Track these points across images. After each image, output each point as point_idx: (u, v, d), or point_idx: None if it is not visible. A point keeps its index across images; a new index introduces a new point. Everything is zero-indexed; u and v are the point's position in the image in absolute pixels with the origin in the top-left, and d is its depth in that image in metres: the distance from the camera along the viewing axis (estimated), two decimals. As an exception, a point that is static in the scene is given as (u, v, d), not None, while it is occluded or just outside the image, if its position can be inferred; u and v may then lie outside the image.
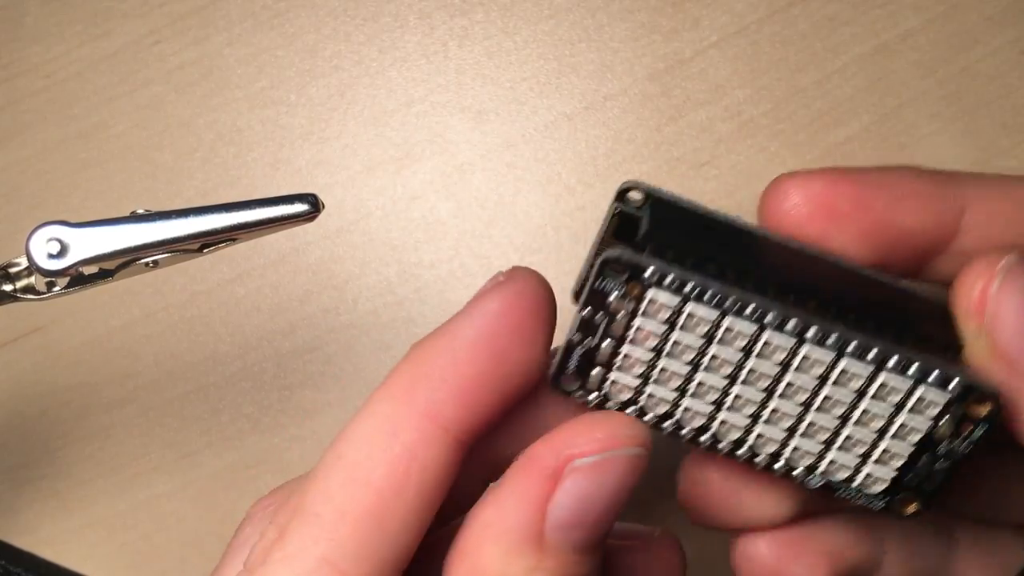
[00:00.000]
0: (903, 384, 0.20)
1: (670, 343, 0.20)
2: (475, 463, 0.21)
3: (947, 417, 0.21)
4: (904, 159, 0.33)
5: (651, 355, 0.20)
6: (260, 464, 0.33)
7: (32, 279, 0.25)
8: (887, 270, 0.23)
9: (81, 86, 0.36)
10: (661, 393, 0.21)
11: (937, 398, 0.20)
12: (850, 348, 0.20)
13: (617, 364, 0.21)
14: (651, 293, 0.20)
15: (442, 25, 0.35)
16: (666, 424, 0.21)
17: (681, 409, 0.21)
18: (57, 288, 0.25)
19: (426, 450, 0.20)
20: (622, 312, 0.20)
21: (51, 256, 0.24)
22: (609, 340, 0.20)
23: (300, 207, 0.24)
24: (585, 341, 0.21)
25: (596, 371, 0.21)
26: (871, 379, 0.20)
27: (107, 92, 0.35)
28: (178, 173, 0.35)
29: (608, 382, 0.21)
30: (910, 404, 0.20)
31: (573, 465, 0.19)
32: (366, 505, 0.19)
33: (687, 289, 0.20)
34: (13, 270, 0.25)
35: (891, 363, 0.20)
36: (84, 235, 0.24)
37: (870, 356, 0.20)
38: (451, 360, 0.20)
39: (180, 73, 0.35)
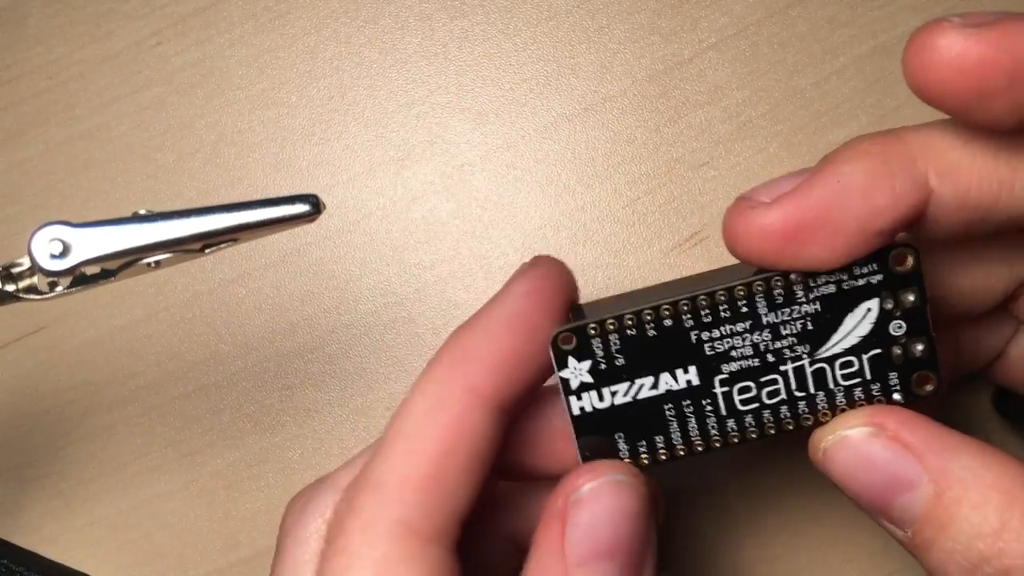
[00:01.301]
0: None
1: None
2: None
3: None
4: (902, 160, 0.33)
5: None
6: (261, 463, 0.34)
7: (34, 279, 0.25)
8: None
9: (83, 87, 0.36)
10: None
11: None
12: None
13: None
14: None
15: (442, 27, 0.35)
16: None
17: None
18: (59, 288, 0.25)
19: (470, 418, 0.22)
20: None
21: (53, 256, 0.24)
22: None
23: (301, 208, 0.24)
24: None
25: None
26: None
27: (109, 93, 0.36)
28: (180, 174, 0.35)
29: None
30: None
31: (571, 501, 0.22)
32: (425, 470, 0.22)
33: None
34: (16, 270, 0.25)
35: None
36: (86, 235, 0.24)
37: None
38: (486, 339, 0.23)
39: (182, 74, 0.36)
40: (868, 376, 0.23)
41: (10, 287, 0.25)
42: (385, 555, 0.21)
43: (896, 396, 0.23)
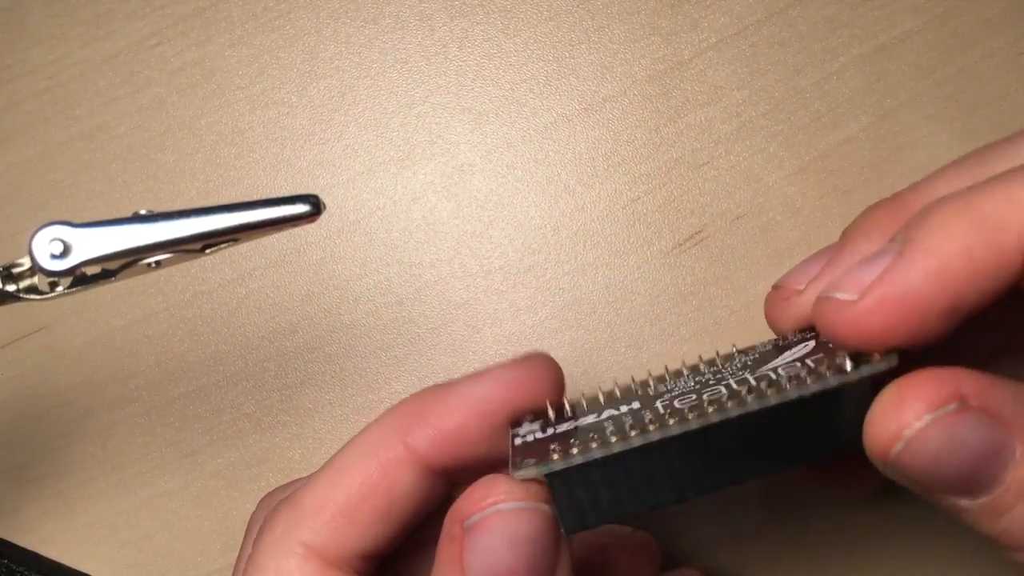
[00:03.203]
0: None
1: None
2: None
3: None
4: (902, 160, 0.33)
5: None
6: (261, 463, 0.34)
7: (35, 279, 0.25)
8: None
9: (83, 87, 0.36)
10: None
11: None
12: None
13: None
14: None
15: (442, 27, 0.35)
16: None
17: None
18: (60, 288, 0.25)
19: (396, 470, 0.24)
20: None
21: (54, 256, 0.24)
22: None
23: (301, 208, 0.24)
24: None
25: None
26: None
27: (109, 93, 0.36)
28: (180, 174, 0.35)
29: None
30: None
31: (466, 525, 0.22)
32: (340, 503, 0.23)
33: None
34: (16, 270, 0.25)
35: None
36: (87, 235, 0.24)
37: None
38: (442, 408, 0.24)
39: (182, 74, 0.36)
40: (812, 365, 0.22)
41: (10, 287, 0.25)
42: (287, 571, 0.23)
43: (848, 366, 0.21)
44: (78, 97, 0.36)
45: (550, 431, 0.23)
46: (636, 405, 0.23)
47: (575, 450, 0.21)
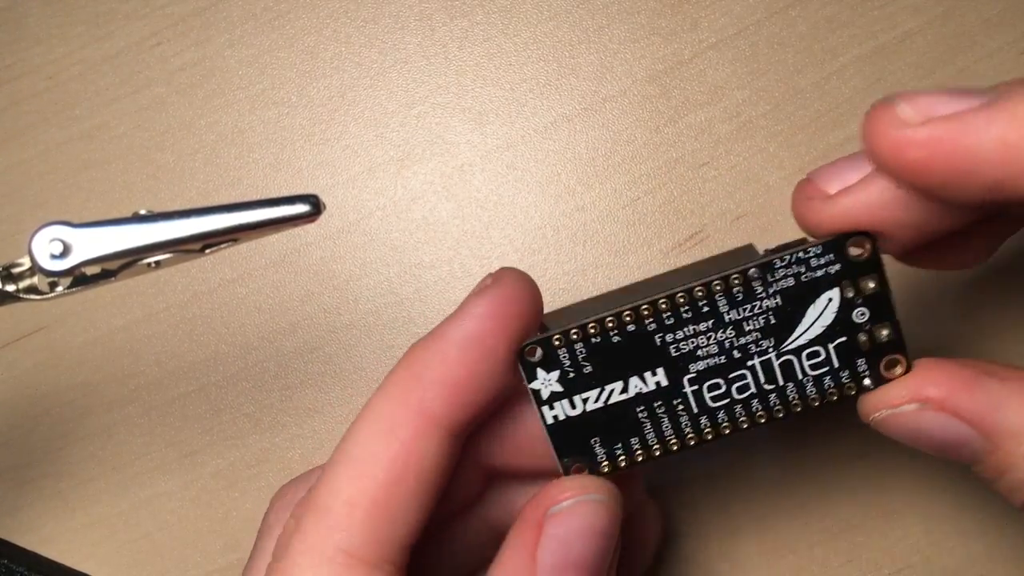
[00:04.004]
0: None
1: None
2: (471, 468, 0.25)
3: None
4: (902, 160, 0.33)
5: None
6: (261, 463, 0.34)
7: (35, 279, 0.25)
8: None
9: (83, 87, 0.36)
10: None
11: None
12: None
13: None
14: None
15: (442, 27, 0.35)
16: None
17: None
18: (60, 288, 0.25)
19: (420, 444, 0.22)
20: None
21: (54, 256, 0.24)
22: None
23: (301, 208, 0.24)
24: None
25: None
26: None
27: (109, 93, 0.36)
28: (180, 174, 0.35)
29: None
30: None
31: (549, 513, 0.22)
32: (371, 496, 0.22)
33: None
34: (16, 270, 0.25)
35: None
36: (87, 235, 0.24)
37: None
38: (441, 361, 0.23)
39: (182, 74, 0.36)
40: (836, 364, 0.23)
41: (10, 287, 0.25)
42: None
43: (866, 382, 0.23)
44: (78, 97, 0.36)
45: (579, 403, 0.24)
46: (662, 379, 0.23)
47: (622, 461, 0.24)
